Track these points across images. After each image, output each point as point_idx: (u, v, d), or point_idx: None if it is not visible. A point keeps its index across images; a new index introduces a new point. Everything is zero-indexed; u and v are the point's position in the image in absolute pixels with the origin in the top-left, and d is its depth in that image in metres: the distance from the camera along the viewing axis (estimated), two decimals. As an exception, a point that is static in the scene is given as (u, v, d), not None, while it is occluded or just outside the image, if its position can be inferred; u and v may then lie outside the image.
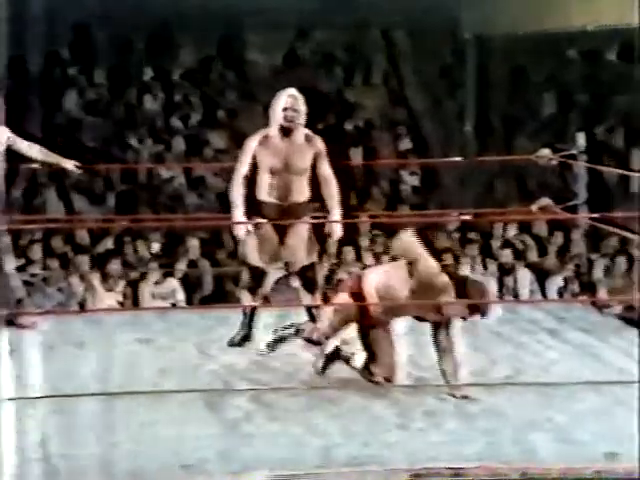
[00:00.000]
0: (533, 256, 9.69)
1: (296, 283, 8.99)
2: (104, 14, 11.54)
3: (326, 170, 6.22)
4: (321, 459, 4.79)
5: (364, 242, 9.72)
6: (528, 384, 5.76)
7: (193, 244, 9.55)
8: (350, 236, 9.93)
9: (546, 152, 7.85)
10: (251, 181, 6.22)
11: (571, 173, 8.61)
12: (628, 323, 7.48)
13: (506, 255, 9.48)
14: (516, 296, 9.21)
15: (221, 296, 9.24)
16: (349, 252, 9.29)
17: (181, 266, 9.33)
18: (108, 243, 9.60)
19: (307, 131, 6.24)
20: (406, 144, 11.87)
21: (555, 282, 9.27)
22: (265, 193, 6.19)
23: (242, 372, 6.06)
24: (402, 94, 12.47)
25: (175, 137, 11.47)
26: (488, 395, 5.59)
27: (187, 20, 11.86)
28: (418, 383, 5.78)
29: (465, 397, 5.53)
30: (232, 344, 6.40)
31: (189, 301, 9.07)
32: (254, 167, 6.20)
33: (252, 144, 6.23)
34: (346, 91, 12.18)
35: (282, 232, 6.26)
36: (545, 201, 7.85)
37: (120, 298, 8.88)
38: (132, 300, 8.94)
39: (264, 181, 6.19)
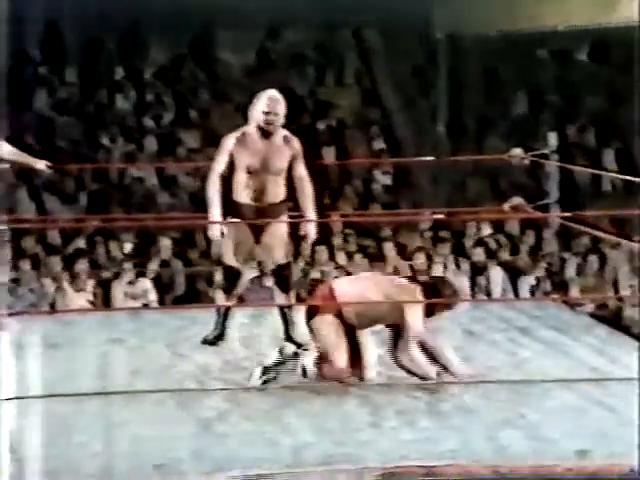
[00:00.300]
0: (505, 255, 9.72)
1: (270, 282, 8.98)
2: (74, 13, 11.49)
3: (302, 171, 6.22)
4: (294, 458, 4.79)
5: (337, 241, 9.72)
6: (501, 382, 5.78)
7: (165, 244, 9.52)
8: (323, 236, 9.94)
9: (518, 151, 7.87)
10: (227, 181, 6.19)
11: (543, 172, 8.65)
12: (600, 321, 7.52)
13: (478, 254, 9.51)
14: (489, 295, 9.24)
15: (193, 296, 9.22)
16: (322, 251, 9.29)
17: (153, 266, 9.30)
18: (80, 243, 9.55)
19: (285, 132, 6.22)
20: (379, 143, 11.89)
21: (527, 281, 9.30)
22: (241, 194, 6.17)
23: (215, 372, 6.05)
24: (375, 94, 12.48)
25: (147, 137, 11.43)
26: (461, 393, 5.60)
27: (158, 19, 11.83)
28: (390, 381, 5.78)
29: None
30: (205, 342, 6.38)
31: (161, 301, 9.04)
32: (231, 166, 6.17)
33: (229, 142, 6.21)
34: (318, 91, 12.17)
35: (258, 232, 6.25)
36: (517, 200, 7.88)
37: (90, 298, 8.84)
38: (104, 300, 8.90)
39: (240, 181, 6.16)
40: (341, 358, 5.63)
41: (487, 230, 10.09)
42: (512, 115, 12.15)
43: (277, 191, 6.18)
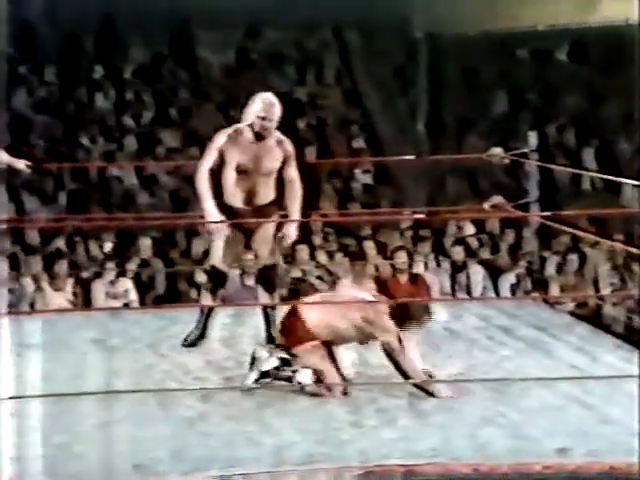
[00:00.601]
0: (486, 253, 9.74)
1: (251, 282, 8.97)
2: (52, 12, 11.46)
3: (293, 174, 6.16)
4: (275, 457, 4.78)
5: (317, 240, 9.73)
6: (481, 380, 5.79)
7: (145, 243, 9.50)
8: (303, 235, 9.94)
9: (498, 151, 7.89)
10: (217, 182, 6.12)
11: (523, 172, 8.67)
12: (580, 319, 7.55)
13: (458, 252, 9.53)
14: (469, 293, 9.26)
15: (174, 296, 9.20)
16: (302, 250, 9.29)
17: (133, 266, 9.28)
18: (59, 243, 9.52)
19: (278, 134, 6.17)
20: (359, 142, 11.89)
21: (507, 279, 9.32)
22: (231, 196, 6.10)
23: (195, 371, 6.04)
24: (355, 93, 12.49)
25: (127, 136, 11.40)
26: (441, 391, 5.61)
27: (137, 18, 11.80)
28: (370, 381, 5.78)
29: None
30: (186, 344, 6.33)
31: (142, 301, 9.02)
32: (220, 164, 6.10)
33: (220, 139, 6.13)
34: (299, 90, 12.17)
35: (248, 235, 6.19)
36: (497, 199, 7.89)
37: (70, 298, 8.81)
38: (84, 300, 8.88)
39: (230, 181, 6.08)
40: (333, 378, 5.62)
41: (470, 229, 10.10)
42: (492, 114, 12.18)
43: (267, 193, 6.14)
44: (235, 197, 6.10)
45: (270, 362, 5.68)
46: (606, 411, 5.33)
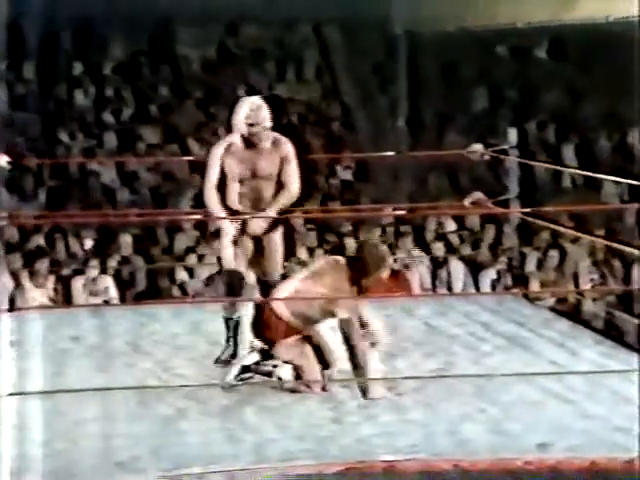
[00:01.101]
0: (466, 249, 9.76)
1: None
2: (32, 9, 11.42)
3: (288, 176, 6.04)
4: (255, 454, 4.78)
5: (298, 237, 9.72)
6: (461, 376, 5.79)
7: (126, 240, 9.48)
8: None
9: (478, 147, 7.90)
10: (221, 190, 6.06)
11: (503, 168, 8.69)
12: (560, 315, 7.56)
13: (438, 248, 9.54)
14: (450, 289, 9.27)
15: (155, 292, 9.18)
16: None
17: (114, 263, 9.25)
18: (38, 240, 9.49)
19: (275, 135, 6.08)
20: (340, 139, 11.90)
21: (488, 275, 9.34)
22: (236, 202, 6.05)
23: (175, 369, 6.03)
24: (335, 89, 12.49)
25: (107, 132, 11.37)
26: (421, 387, 5.61)
27: (116, 14, 11.77)
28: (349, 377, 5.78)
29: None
30: (219, 362, 6.06)
31: (122, 298, 9.00)
32: (223, 175, 6.04)
33: (218, 152, 6.04)
34: (278, 86, 12.16)
35: (258, 242, 6.13)
36: (477, 195, 7.89)
37: (51, 295, 8.79)
38: (64, 297, 8.85)
39: (234, 190, 6.02)
40: (314, 374, 5.61)
41: (451, 226, 10.12)
42: (472, 111, 12.20)
43: (271, 196, 6.07)
44: (243, 205, 6.03)
45: (251, 357, 5.68)
46: (587, 406, 5.34)
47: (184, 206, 10.27)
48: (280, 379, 5.61)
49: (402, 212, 9.99)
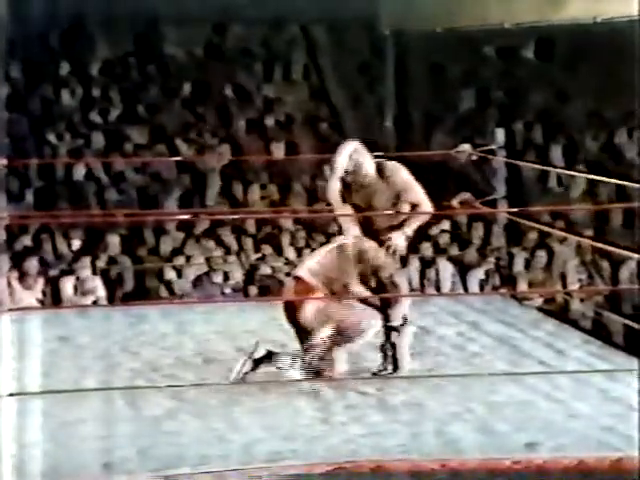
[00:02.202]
0: (454, 250, 9.77)
1: (219, 279, 8.96)
2: (18, 8, 11.38)
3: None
4: (243, 455, 4.77)
5: (286, 237, 9.73)
6: (449, 376, 5.80)
7: (113, 241, 9.46)
8: (271, 231, 9.94)
9: (466, 147, 7.92)
10: None
11: (490, 168, 8.70)
12: (548, 315, 7.59)
13: (426, 248, 9.55)
14: (438, 289, 9.28)
15: (143, 293, 9.17)
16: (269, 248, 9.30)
17: (102, 263, 9.24)
18: (25, 241, 9.46)
19: (381, 165, 6.09)
20: (326, 139, 11.89)
21: (476, 275, 9.35)
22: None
23: (164, 369, 6.02)
24: (322, 89, 12.49)
25: (94, 132, 11.34)
26: (409, 388, 5.62)
27: (103, 13, 11.74)
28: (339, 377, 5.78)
29: None
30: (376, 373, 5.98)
31: (110, 298, 8.98)
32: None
33: (335, 189, 6.02)
34: (266, 87, 12.15)
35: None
36: (465, 195, 7.92)
37: (39, 296, 8.77)
38: (52, 298, 8.83)
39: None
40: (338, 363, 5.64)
41: (439, 226, 10.12)
42: (459, 111, 12.21)
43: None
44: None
45: (259, 352, 5.69)
46: (574, 406, 5.36)
47: (171, 206, 10.26)
48: (280, 368, 5.62)
49: (390, 212, 9.98)
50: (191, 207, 10.32)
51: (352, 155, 6.03)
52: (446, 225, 10.03)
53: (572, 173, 9.76)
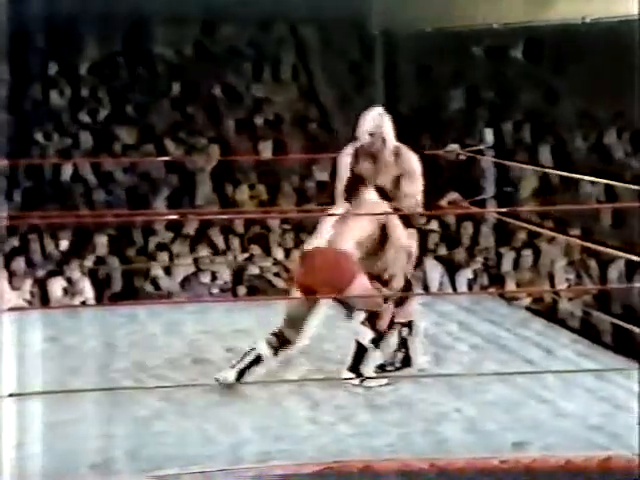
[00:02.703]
0: (442, 249, 9.77)
1: (207, 279, 8.94)
2: (5, 8, 11.35)
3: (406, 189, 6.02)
4: (232, 455, 4.77)
5: (274, 237, 9.73)
6: (438, 375, 5.81)
7: (101, 241, 9.45)
8: (260, 231, 9.94)
9: (455, 147, 7.93)
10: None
11: (479, 168, 8.71)
12: (536, 315, 7.59)
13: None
14: (426, 288, 9.29)
15: (131, 293, 9.16)
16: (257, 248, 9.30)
17: (90, 263, 9.22)
18: (13, 242, 9.44)
19: (398, 146, 6.07)
20: (315, 139, 11.89)
21: (464, 275, 9.36)
22: None
23: (152, 369, 6.01)
24: (312, 89, 12.49)
25: (82, 133, 11.32)
26: (398, 387, 5.62)
27: (92, 14, 11.72)
28: (329, 376, 5.79)
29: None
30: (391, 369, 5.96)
31: (99, 298, 8.97)
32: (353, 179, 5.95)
33: (346, 160, 6.01)
34: (255, 87, 12.15)
35: None
36: (454, 195, 7.93)
37: (27, 297, 8.75)
38: (40, 298, 8.81)
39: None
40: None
41: (432, 225, 10.12)
42: (448, 111, 12.22)
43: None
44: None
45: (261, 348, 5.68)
46: (562, 405, 5.37)
47: (160, 206, 10.25)
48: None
49: (379, 213, 9.97)
50: (180, 207, 10.31)
51: (375, 119, 5.98)
52: (434, 225, 10.04)
53: (561, 173, 9.77)
